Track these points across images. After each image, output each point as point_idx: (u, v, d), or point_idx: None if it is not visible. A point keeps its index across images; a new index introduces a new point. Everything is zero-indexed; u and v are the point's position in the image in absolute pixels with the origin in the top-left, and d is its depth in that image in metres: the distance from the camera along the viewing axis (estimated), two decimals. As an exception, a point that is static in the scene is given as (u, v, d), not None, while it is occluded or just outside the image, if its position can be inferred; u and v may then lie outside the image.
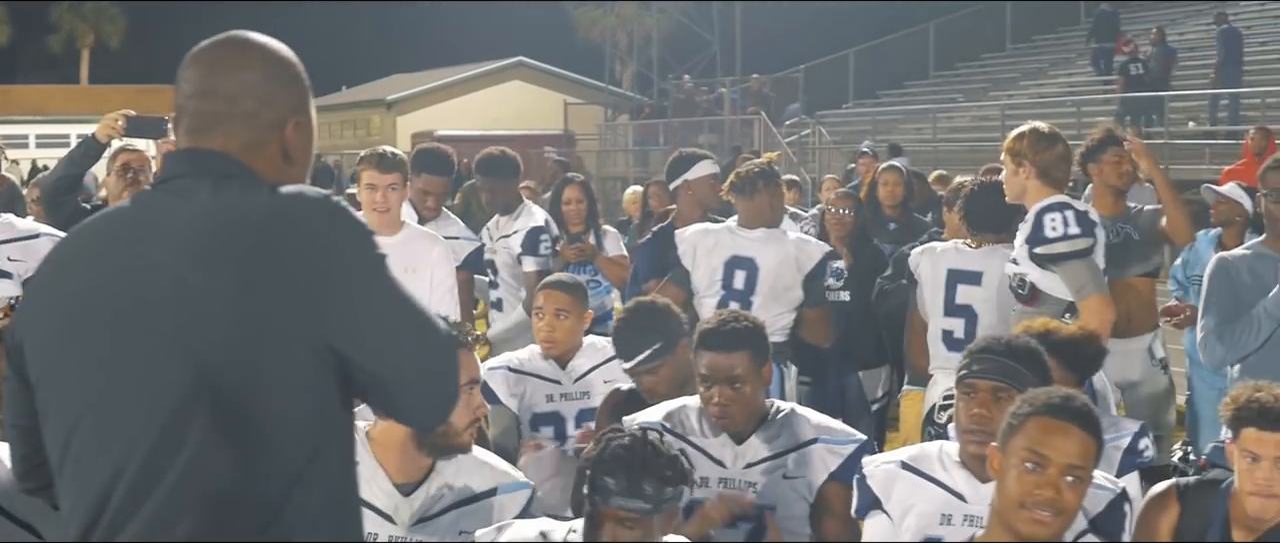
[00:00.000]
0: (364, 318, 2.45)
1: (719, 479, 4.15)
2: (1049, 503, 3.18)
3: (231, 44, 2.63)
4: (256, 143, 2.56)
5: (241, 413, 2.39)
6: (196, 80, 2.57)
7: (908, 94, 33.06)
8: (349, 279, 2.43)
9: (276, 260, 2.40)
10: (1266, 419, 3.72)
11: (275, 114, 2.58)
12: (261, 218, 2.44)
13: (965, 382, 3.80)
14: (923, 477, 3.82)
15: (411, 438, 3.56)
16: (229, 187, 2.48)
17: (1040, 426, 3.22)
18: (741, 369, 4.09)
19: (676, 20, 43.84)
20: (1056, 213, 5.37)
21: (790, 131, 30.60)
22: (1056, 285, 5.40)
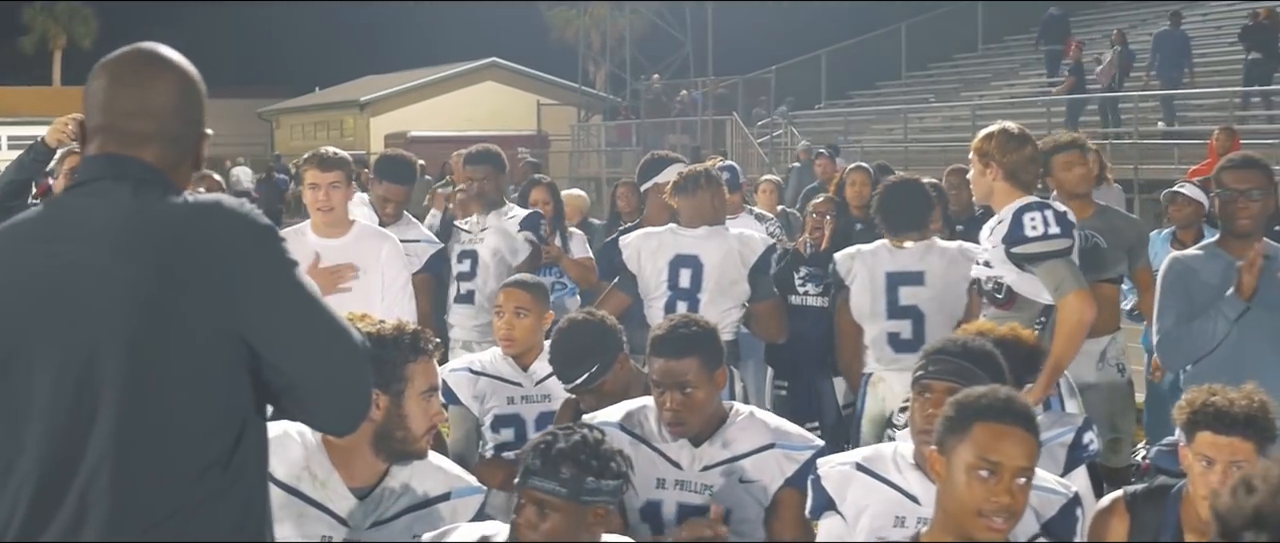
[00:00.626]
0: (276, 317, 2.57)
1: (676, 481, 4.17)
2: (1005, 509, 3.18)
3: (155, 62, 2.70)
4: (178, 156, 2.69)
5: (160, 406, 2.48)
6: (124, 98, 2.66)
7: (880, 94, 33.11)
8: (262, 279, 2.57)
9: (194, 257, 2.51)
10: (1222, 423, 3.70)
11: (195, 132, 2.73)
12: (181, 217, 2.56)
13: (920, 383, 3.84)
14: (877, 479, 3.84)
15: (369, 443, 3.59)
16: (149, 190, 2.58)
17: (988, 431, 3.21)
18: (692, 375, 4.09)
19: (649, 21, 43.82)
20: (1036, 212, 5.36)
21: (763, 132, 30.67)
22: (1034, 287, 5.39)
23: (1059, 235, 5.33)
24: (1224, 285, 5.28)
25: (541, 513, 3.34)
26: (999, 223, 5.45)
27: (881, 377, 6.11)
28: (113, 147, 2.64)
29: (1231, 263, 5.32)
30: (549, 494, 3.33)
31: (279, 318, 2.57)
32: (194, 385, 2.50)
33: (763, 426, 4.24)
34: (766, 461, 4.16)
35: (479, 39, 52.33)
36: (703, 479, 4.15)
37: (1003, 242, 5.37)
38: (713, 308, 6.22)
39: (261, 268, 2.57)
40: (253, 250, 2.57)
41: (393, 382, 3.55)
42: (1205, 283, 5.33)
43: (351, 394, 2.70)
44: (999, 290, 5.46)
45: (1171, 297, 5.40)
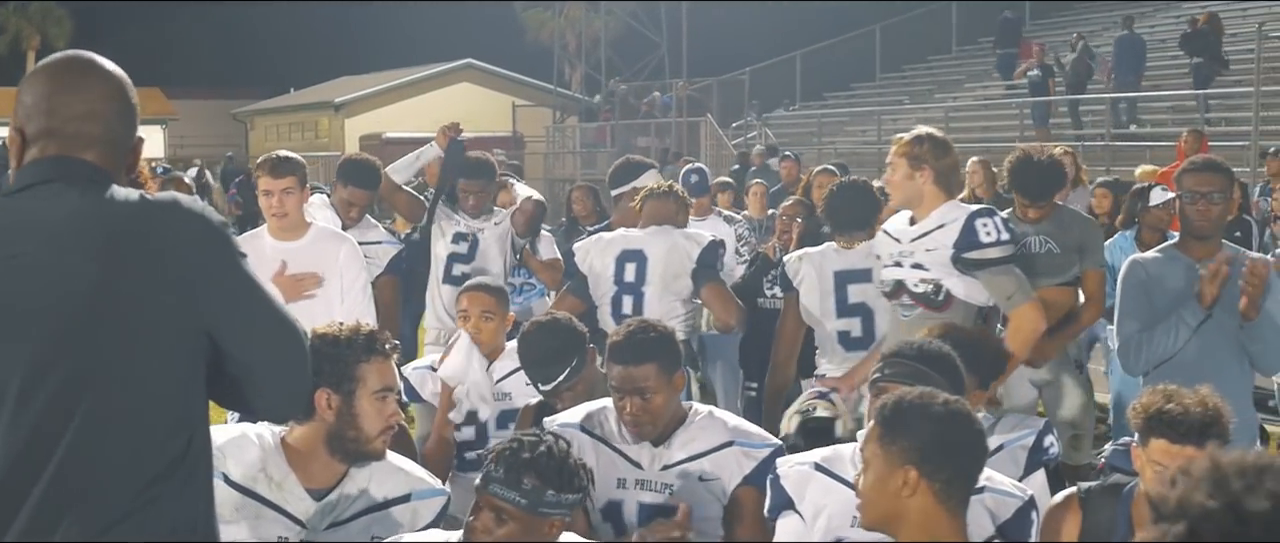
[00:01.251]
0: (234, 307, 2.72)
1: (636, 481, 4.21)
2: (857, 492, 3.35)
3: (95, 67, 2.78)
4: (117, 159, 2.78)
5: (120, 400, 2.54)
6: (70, 102, 2.72)
7: (854, 96, 33.17)
8: (219, 272, 2.70)
9: (148, 250, 2.60)
10: (1176, 432, 3.72)
11: (132, 135, 2.82)
12: (133, 213, 2.63)
13: (877, 385, 3.87)
14: (835, 479, 3.87)
15: (323, 444, 3.60)
16: (98, 190, 2.64)
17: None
18: (651, 380, 4.12)
19: (625, 22, 43.87)
20: (988, 218, 5.43)
21: (737, 134, 30.71)
22: (976, 292, 5.46)
23: (1008, 242, 5.43)
24: (1185, 288, 5.30)
25: (498, 520, 3.35)
26: (939, 227, 5.49)
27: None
28: (57, 150, 2.69)
29: (1191, 265, 5.34)
30: (508, 503, 3.35)
31: (236, 307, 2.73)
32: (153, 385, 2.57)
33: (721, 424, 4.28)
34: (726, 458, 4.21)
35: (454, 40, 52.41)
36: (663, 479, 4.20)
37: (954, 246, 5.42)
38: (658, 303, 6.46)
39: (217, 262, 2.70)
40: (208, 245, 2.69)
41: (344, 381, 3.55)
42: (1165, 286, 5.36)
43: (296, 378, 2.92)
44: (937, 293, 5.49)
45: (1131, 301, 5.42)
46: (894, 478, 3.20)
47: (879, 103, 30.77)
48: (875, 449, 3.24)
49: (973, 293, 5.46)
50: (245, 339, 2.75)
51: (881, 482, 3.22)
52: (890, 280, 5.66)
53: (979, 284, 5.44)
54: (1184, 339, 5.24)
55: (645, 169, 7.37)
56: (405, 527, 3.67)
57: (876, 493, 3.24)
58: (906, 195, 5.57)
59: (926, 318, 5.40)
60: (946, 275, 5.46)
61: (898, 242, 5.65)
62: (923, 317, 5.44)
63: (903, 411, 3.24)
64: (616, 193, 7.45)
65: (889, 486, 3.21)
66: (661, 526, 3.71)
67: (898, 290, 5.61)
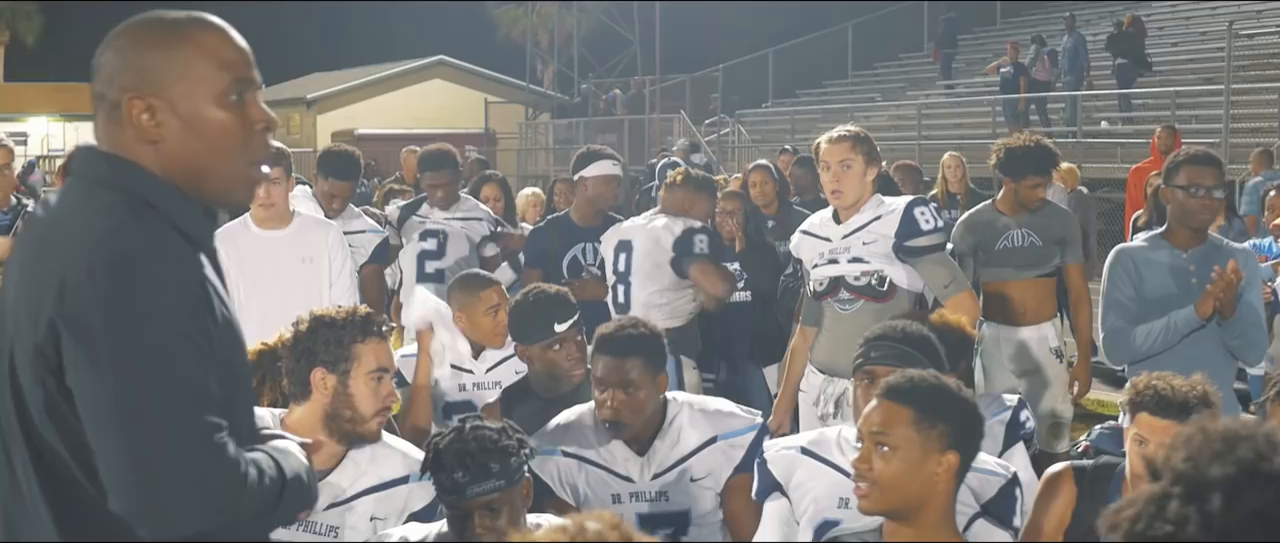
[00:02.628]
0: (87, 379, 2.24)
1: (630, 494, 4.22)
2: (857, 473, 3.22)
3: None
4: (111, 129, 2.44)
5: (45, 442, 2.34)
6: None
7: (826, 93, 33.24)
8: (89, 331, 2.22)
9: (47, 288, 2.27)
10: (1160, 407, 3.79)
11: (114, 92, 2.41)
12: (51, 235, 2.38)
13: (864, 369, 3.90)
14: (821, 461, 3.91)
15: (322, 425, 3.63)
16: (72, 192, 2.45)
17: (868, 408, 3.29)
18: (635, 374, 4.13)
19: (597, 20, 43.83)
20: (923, 208, 5.58)
21: (710, 130, 30.74)
22: (914, 280, 5.60)
23: (943, 230, 5.62)
24: (1171, 279, 5.30)
25: (492, 512, 3.38)
26: (875, 219, 5.58)
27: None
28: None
29: (1178, 254, 5.34)
30: (493, 493, 3.37)
31: (90, 382, 2.24)
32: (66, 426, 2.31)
33: (701, 418, 4.29)
34: (713, 455, 4.24)
35: (426, 37, 52.26)
36: (655, 487, 4.22)
37: (895, 236, 5.51)
38: (642, 290, 6.68)
39: (95, 322, 2.23)
40: (92, 302, 2.23)
41: (339, 361, 3.59)
42: (1153, 275, 5.34)
43: (149, 490, 2.21)
44: (881, 283, 5.58)
45: (1118, 290, 5.38)
46: (930, 463, 3.15)
47: (852, 100, 30.87)
48: (908, 434, 3.14)
49: (913, 281, 5.59)
50: (90, 417, 2.24)
51: (914, 467, 3.14)
52: (825, 278, 5.70)
53: (914, 273, 5.58)
54: (1176, 342, 5.23)
55: (597, 158, 7.37)
56: (403, 508, 3.70)
57: (907, 478, 3.14)
58: (860, 191, 5.63)
59: (868, 310, 5.51)
60: (888, 265, 5.55)
61: (827, 240, 5.72)
62: (864, 308, 5.55)
63: (938, 393, 3.20)
64: (575, 178, 7.50)
65: (923, 470, 3.15)
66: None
67: (834, 287, 5.66)
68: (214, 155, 2.42)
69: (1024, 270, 6.80)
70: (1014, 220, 6.82)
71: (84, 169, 2.43)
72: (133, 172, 2.38)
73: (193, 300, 2.28)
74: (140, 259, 2.25)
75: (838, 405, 5.59)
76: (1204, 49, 24.84)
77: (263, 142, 2.49)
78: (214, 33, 2.45)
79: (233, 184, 2.47)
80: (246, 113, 2.45)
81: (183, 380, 2.23)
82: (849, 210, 5.62)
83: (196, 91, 2.40)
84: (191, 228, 2.39)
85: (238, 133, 2.44)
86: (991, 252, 6.84)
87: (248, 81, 2.46)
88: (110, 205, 2.32)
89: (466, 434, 3.40)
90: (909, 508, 3.19)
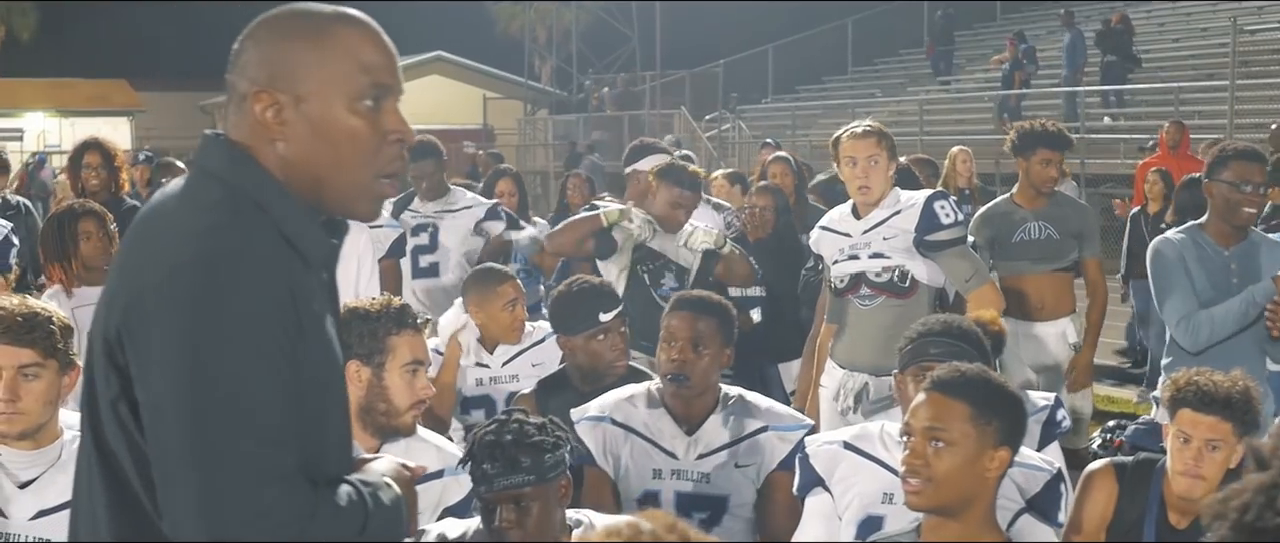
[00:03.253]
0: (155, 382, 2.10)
1: (672, 470, 4.19)
2: (910, 469, 3.16)
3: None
4: (237, 121, 2.30)
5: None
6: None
7: (827, 89, 33.21)
8: (159, 340, 2.08)
9: (130, 284, 2.16)
10: (1202, 402, 3.78)
11: (243, 84, 2.28)
12: (151, 226, 2.26)
13: (924, 365, 3.83)
14: (865, 456, 3.87)
15: (357, 418, 3.55)
16: (187, 181, 2.31)
17: (915, 400, 3.25)
18: (707, 334, 4.16)
19: (596, 15, 43.79)
20: (944, 201, 5.59)
21: (710, 126, 30.68)
22: (935, 275, 5.59)
23: (963, 224, 5.63)
24: (1215, 276, 5.24)
25: (519, 507, 3.32)
26: (894, 214, 5.59)
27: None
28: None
29: (1219, 252, 5.27)
30: (522, 487, 3.30)
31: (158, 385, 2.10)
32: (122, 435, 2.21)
33: (754, 408, 4.27)
34: (761, 444, 4.20)
35: (424, 33, 52.01)
36: (699, 467, 4.18)
37: (916, 230, 5.51)
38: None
39: (166, 329, 2.10)
40: (167, 309, 2.11)
41: (374, 354, 3.56)
42: (1201, 269, 5.27)
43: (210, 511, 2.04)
44: (903, 279, 5.57)
45: (1175, 277, 5.27)
46: (985, 458, 3.12)
47: (852, 96, 30.79)
48: (965, 429, 3.11)
49: (933, 276, 5.60)
50: (152, 424, 2.12)
51: (970, 463, 3.11)
52: (845, 274, 5.70)
53: (935, 267, 5.58)
54: (1247, 323, 5.15)
55: (650, 152, 7.30)
56: (438, 502, 3.68)
57: (962, 474, 3.11)
58: (887, 186, 5.64)
59: (889, 305, 5.55)
60: (909, 260, 5.57)
61: (847, 236, 5.72)
62: (885, 304, 5.57)
63: (992, 387, 3.17)
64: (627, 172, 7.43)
65: (978, 467, 3.11)
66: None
67: (855, 283, 5.66)
68: (338, 163, 2.24)
69: (1041, 264, 6.79)
70: (1031, 213, 6.83)
71: (203, 158, 2.28)
72: (251, 169, 2.22)
73: (276, 315, 2.09)
74: (224, 266, 2.08)
75: (857, 400, 5.57)
76: (1206, 45, 24.78)
77: (394, 154, 2.29)
78: (357, 31, 2.27)
79: (355, 195, 2.29)
80: (381, 121, 2.27)
81: (251, 403, 2.04)
82: (869, 206, 5.59)
83: (328, 92, 2.23)
84: (301, 237, 2.22)
85: (367, 142, 2.25)
86: (1008, 245, 6.83)
87: (386, 88, 2.27)
88: (214, 203, 2.17)
89: (506, 426, 3.34)
90: (958, 504, 3.14)
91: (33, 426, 3.38)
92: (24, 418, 3.36)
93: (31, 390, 3.36)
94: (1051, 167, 6.82)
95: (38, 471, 3.40)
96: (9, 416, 3.35)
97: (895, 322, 5.40)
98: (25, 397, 3.35)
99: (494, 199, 8.32)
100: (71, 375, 3.47)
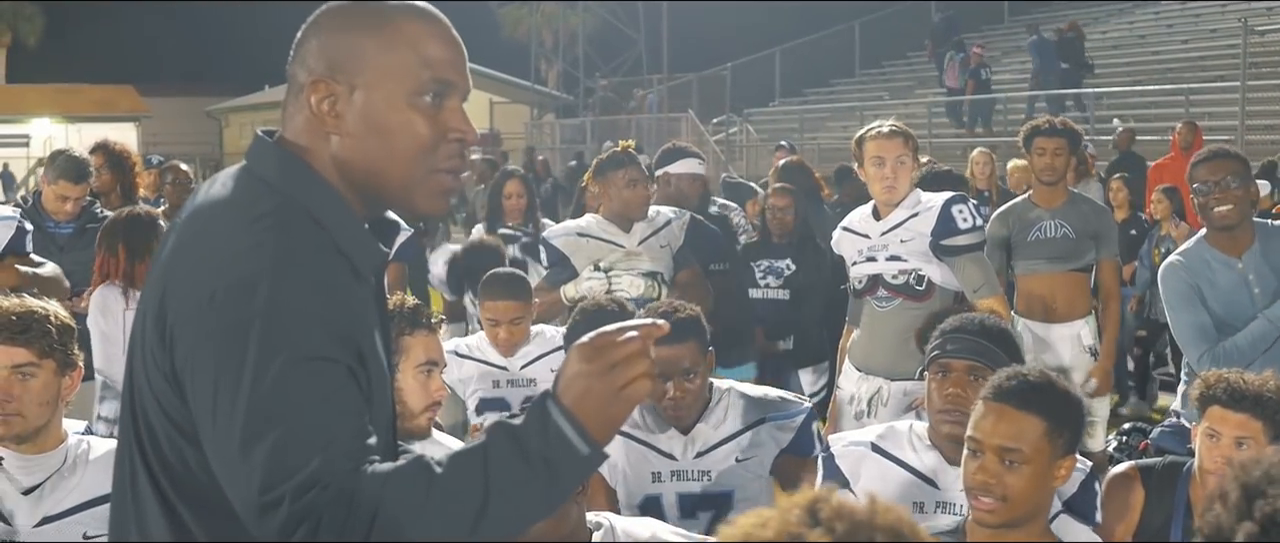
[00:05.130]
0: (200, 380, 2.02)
1: (672, 472, 4.09)
2: (984, 488, 3.02)
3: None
4: (293, 113, 2.22)
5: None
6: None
7: (834, 92, 33.15)
8: (210, 357, 2.00)
9: (175, 290, 2.07)
10: (1232, 399, 3.72)
11: (302, 73, 2.20)
12: (199, 231, 2.15)
13: (939, 362, 3.77)
14: (893, 461, 3.80)
15: None
16: (237, 184, 2.19)
17: (979, 410, 3.11)
18: (690, 360, 4.00)
19: (602, 19, 43.79)
20: (963, 205, 5.51)
21: (718, 130, 30.65)
22: (951, 279, 5.51)
23: (981, 228, 5.54)
24: (1232, 285, 5.10)
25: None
26: (912, 216, 5.52)
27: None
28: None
29: (1232, 263, 5.11)
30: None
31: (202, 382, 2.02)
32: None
33: (748, 401, 4.17)
34: (759, 437, 4.12)
35: (430, 37, 52.17)
36: (699, 466, 4.09)
37: (932, 234, 5.44)
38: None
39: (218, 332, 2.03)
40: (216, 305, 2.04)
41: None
42: (1214, 287, 5.14)
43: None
44: (919, 282, 5.51)
45: (1189, 309, 5.10)
46: (1055, 469, 3.02)
47: (860, 99, 30.73)
48: (1041, 445, 2.98)
49: (949, 280, 5.52)
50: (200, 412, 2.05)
51: (1043, 478, 3.00)
52: (863, 276, 5.65)
53: (947, 271, 5.51)
54: (1272, 339, 5.01)
55: (682, 156, 7.20)
56: None
57: (1036, 490, 3.00)
58: (908, 185, 5.58)
59: (906, 308, 5.49)
60: (925, 263, 5.50)
61: (866, 237, 5.66)
62: (902, 307, 5.51)
63: (1060, 396, 3.06)
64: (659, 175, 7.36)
65: (1047, 479, 3.01)
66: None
67: (872, 285, 5.60)
68: (392, 158, 2.14)
69: (1056, 263, 6.75)
70: (1048, 212, 6.81)
71: (253, 162, 2.18)
72: (304, 175, 2.14)
73: (321, 333, 1.98)
74: (269, 284, 1.97)
75: (871, 404, 5.50)
76: (1215, 46, 24.72)
77: (453, 151, 2.18)
78: (423, 24, 2.19)
79: (415, 192, 2.18)
80: (442, 119, 2.16)
81: (302, 417, 1.94)
82: (889, 207, 5.52)
83: (387, 84, 2.13)
84: (355, 248, 2.13)
85: (425, 138, 2.15)
86: (1024, 243, 6.79)
87: (449, 84, 2.18)
88: (263, 214, 2.06)
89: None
90: (1026, 518, 3.04)
91: (30, 428, 3.31)
92: (20, 421, 3.29)
93: (28, 391, 3.29)
94: (1045, 156, 6.78)
95: (41, 476, 3.33)
96: (3, 417, 3.28)
97: (911, 325, 5.35)
98: (20, 398, 3.28)
99: (503, 201, 8.21)
100: (72, 377, 3.40)
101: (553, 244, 6.24)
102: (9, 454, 3.33)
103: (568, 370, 2.04)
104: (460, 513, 1.93)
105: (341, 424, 1.96)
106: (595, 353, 2.04)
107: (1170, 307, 5.23)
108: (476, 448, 1.98)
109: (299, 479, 1.89)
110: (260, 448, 1.91)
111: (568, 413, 1.99)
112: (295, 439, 1.92)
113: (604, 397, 2.02)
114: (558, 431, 1.98)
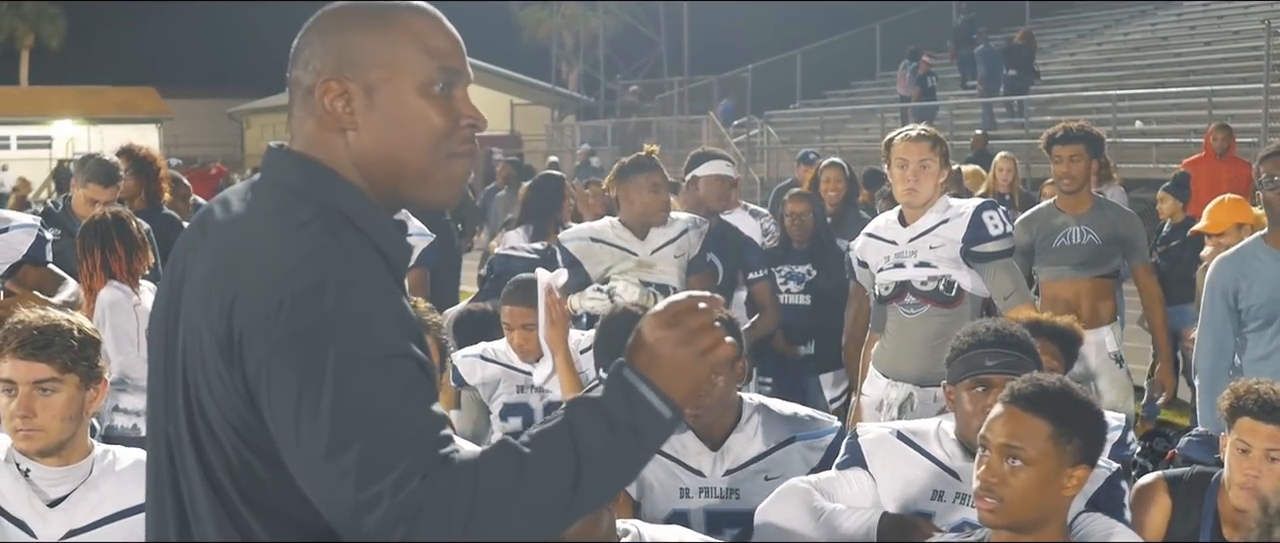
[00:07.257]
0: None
1: (700, 489, 4.05)
2: (984, 486, 3.04)
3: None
4: (303, 118, 2.26)
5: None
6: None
7: (854, 94, 33.09)
8: (289, 369, 2.01)
9: (236, 308, 2.06)
10: (1262, 410, 3.70)
11: (309, 77, 2.23)
12: (241, 246, 2.14)
13: (980, 377, 3.71)
14: (916, 449, 3.79)
15: None
16: (263, 197, 2.22)
17: (993, 412, 3.13)
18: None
19: (623, 21, 43.78)
20: (993, 211, 5.50)
21: (738, 132, 30.61)
22: (981, 285, 5.49)
23: (1011, 235, 5.52)
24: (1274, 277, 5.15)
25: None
26: (942, 222, 5.50)
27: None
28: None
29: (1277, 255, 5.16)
30: None
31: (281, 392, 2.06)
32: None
33: (779, 418, 4.13)
34: (790, 455, 4.07)
35: (450, 38, 52.24)
36: (727, 484, 4.04)
37: (963, 240, 5.42)
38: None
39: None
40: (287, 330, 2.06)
41: None
42: (1258, 282, 5.15)
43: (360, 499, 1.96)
44: (949, 288, 5.48)
45: (1213, 317, 5.15)
46: (1062, 477, 3.02)
47: (880, 100, 30.65)
48: (1044, 448, 2.99)
49: (979, 286, 5.50)
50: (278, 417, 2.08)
51: (1047, 483, 3.00)
52: (890, 282, 5.61)
53: (977, 277, 5.49)
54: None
55: (709, 158, 7.17)
56: None
57: (1037, 494, 3.00)
58: (936, 190, 5.55)
59: (934, 315, 5.46)
60: (955, 270, 5.47)
61: (893, 244, 5.63)
62: (930, 314, 5.49)
63: (1074, 403, 3.06)
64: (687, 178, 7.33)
65: (1055, 486, 3.01)
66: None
67: (900, 292, 5.58)
68: (409, 148, 2.19)
69: (1081, 269, 6.70)
70: (1073, 218, 6.76)
71: (275, 173, 2.21)
72: (330, 179, 2.17)
73: (391, 330, 2.04)
74: (336, 287, 2.01)
75: (901, 411, 5.47)
76: (1238, 48, 24.61)
77: (465, 137, 2.25)
78: (423, 18, 2.24)
79: (432, 181, 2.23)
80: (452, 106, 2.23)
81: (388, 415, 1.98)
82: (916, 212, 5.49)
83: (398, 78, 2.19)
84: (390, 247, 2.18)
85: (439, 126, 2.21)
86: (1048, 249, 6.75)
87: (455, 72, 2.24)
88: (305, 221, 2.09)
89: None
90: (1032, 523, 3.04)
91: (53, 443, 3.29)
92: (42, 436, 3.27)
93: (49, 407, 3.26)
94: (1062, 163, 6.75)
95: (68, 488, 3.32)
96: (26, 433, 3.26)
97: (940, 332, 5.29)
98: (42, 413, 3.25)
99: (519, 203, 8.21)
100: (97, 390, 3.38)
101: (565, 248, 6.23)
102: (35, 466, 3.32)
103: (644, 338, 2.12)
104: (555, 488, 1.99)
105: (423, 417, 2.01)
106: (675, 318, 2.11)
107: (1204, 304, 5.32)
108: (559, 425, 2.04)
109: (395, 475, 1.94)
110: (351, 450, 1.95)
111: (647, 379, 2.07)
112: (385, 437, 1.96)
113: (686, 362, 2.10)
114: (641, 397, 2.06)
